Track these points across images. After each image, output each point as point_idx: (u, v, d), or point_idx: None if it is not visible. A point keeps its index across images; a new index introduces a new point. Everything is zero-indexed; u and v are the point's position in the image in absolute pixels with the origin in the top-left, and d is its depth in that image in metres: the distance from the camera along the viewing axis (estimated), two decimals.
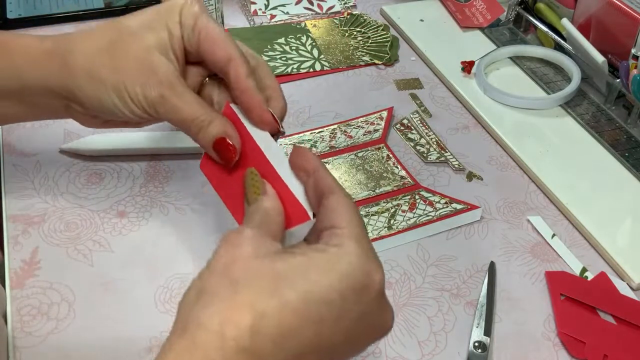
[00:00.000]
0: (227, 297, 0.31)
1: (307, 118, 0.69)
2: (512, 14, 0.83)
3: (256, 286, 0.31)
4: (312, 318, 0.31)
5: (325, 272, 0.32)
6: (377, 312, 0.34)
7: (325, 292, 0.31)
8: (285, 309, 0.31)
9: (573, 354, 0.48)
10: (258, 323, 0.30)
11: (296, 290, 0.31)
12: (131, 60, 0.43)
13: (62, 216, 0.56)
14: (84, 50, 0.44)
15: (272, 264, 0.32)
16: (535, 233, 0.57)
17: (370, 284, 0.33)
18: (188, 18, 0.44)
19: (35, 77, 0.44)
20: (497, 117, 0.69)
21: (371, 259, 0.34)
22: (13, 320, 0.48)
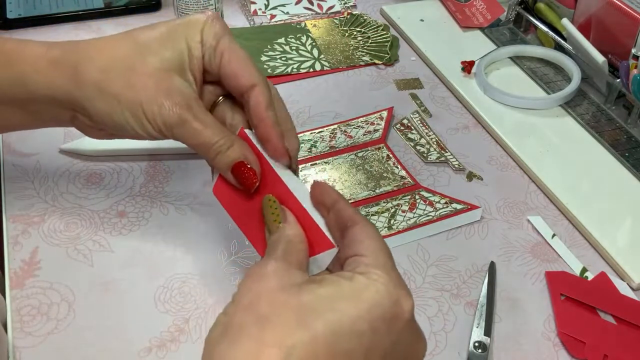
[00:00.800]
0: (254, 335, 0.30)
1: (307, 118, 0.69)
2: (512, 14, 0.83)
3: (283, 320, 0.30)
4: (342, 350, 0.30)
5: (354, 302, 0.31)
6: (408, 341, 0.33)
7: (354, 323, 0.30)
8: (315, 341, 0.30)
9: (573, 354, 0.48)
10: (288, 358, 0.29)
11: (324, 321, 0.30)
12: (148, 79, 0.41)
13: (62, 216, 0.56)
14: (96, 63, 0.42)
15: (299, 296, 0.31)
16: (535, 233, 0.57)
17: (400, 313, 0.32)
18: (210, 38, 0.42)
19: (41, 86, 0.43)
20: (497, 117, 0.69)
21: (399, 286, 0.33)
22: (13, 320, 0.48)
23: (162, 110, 0.40)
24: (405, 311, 0.32)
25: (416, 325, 0.34)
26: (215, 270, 0.52)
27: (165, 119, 0.41)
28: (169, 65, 0.41)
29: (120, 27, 0.81)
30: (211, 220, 0.56)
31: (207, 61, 0.43)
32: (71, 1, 0.83)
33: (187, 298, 0.50)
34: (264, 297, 0.31)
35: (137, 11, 0.83)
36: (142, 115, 0.41)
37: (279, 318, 0.30)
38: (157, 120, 0.41)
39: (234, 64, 0.43)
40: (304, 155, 0.63)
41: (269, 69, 0.75)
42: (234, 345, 0.30)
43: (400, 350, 0.32)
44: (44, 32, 0.79)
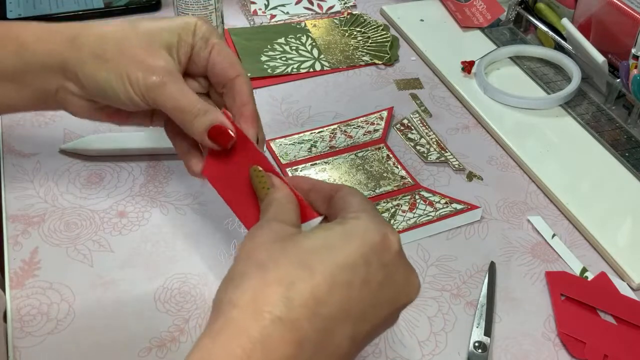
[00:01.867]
0: (256, 276, 0.32)
1: (307, 118, 0.69)
2: (512, 14, 0.83)
3: (282, 263, 0.32)
4: (340, 283, 0.32)
5: (346, 240, 0.33)
6: (401, 272, 0.35)
7: (348, 257, 0.33)
8: (314, 277, 0.31)
9: (573, 354, 0.48)
10: (289, 293, 0.31)
11: (322, 259, 0.32)
12: (137, 49, 0.44)
13: (62, 216, 0.56)
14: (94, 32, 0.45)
15: (295, 243, 0.33)
16: (535, 233, 0.57)
17: (389, 245, 0.34)
18: (203, 31, 0.46)
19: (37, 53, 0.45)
20: (497, 117, 0.69)
21: (385, 224, 0.35)
22: (13, 320, 0.48)
23: (145, 75, 0.43)
24: (393, 243, 0.35)
25: (406, 258, 0.36)
26: (215, 270, 0.52)
27: (147, 82, 0.43)
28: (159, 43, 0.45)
29: None
30: (211, 220, 0.56)
31: (196, 50, 0.46)
32: (71, 1, 0.83)
33: (187, 298, 0.50)
34: (262, 248, 0.34)
35: (137, 11, 0.83)
36: (126, 79, 0.43)
37: (278, 262, 0.32)
38: (140, 84, 0.43)
39: (223, 56, 0.46)
40: (304, 155, 0.63)
41: (269, 69, 0.75)
42: (238, 289, 0.32)
43: (394, 281, 0.34)
44: None
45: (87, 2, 0.83)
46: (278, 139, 0.65)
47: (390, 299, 0.34)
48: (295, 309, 0.31)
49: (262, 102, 0.71)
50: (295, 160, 0.63)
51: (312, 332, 0.31)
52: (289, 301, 0.31)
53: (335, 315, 0.32)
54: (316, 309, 0.31)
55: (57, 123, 0.65)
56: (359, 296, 0.33)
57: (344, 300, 0.32)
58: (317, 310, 0.31)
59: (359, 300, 0.33)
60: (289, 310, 0.30)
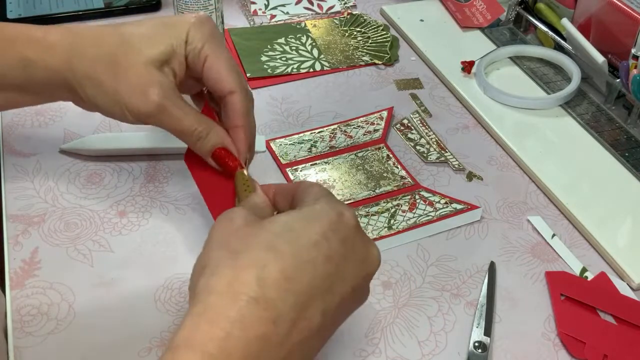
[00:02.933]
0: (230, 264, 0.34)
1: (307, 118, 0.69)
2: (512, 14, 0.83)
3: (253, 249, 0.35)
4: (305, 260, 0.35)
5: (305, 221, 0.36)
6: (360, 245, 0.38)
7: (310, 237, 0.35)
8: (282, 257, 0.34)
9: (573, 354, 0.48)
10: (261, 274, 0.33)
11: (287, 241, 0.35)
12: (130, 73, 0.44)
13: (62, 216, 0.56)
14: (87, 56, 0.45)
15: (262, 228, 0.36)
16: (535, 233, 0.57)
17: (345, 221, 0.37)
18: (196, 40, 0.45)
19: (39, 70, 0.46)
20: (497, 117, 0.69)
21: (340, 203, 0.39)
22: (13, 320, 0.48)
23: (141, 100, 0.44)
24: (349, 218, 0.37)
25: (364, 233, 0.39)
26: None
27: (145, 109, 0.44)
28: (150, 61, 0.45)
29: None
30: (211, 220, 0.56)
31: (190, 61, 0.46)
32: (71, 1, 0.83)
33: (187, 298, 0.50)
34: (233, 235, 0.36)
35: (137, 11, 0.83)
36: (124, 105, 0.45)
37: (248, 247, 0.35)
38: (139, 109, 0.44)
39: (215, 69, 0.46)
40: (304, 155, 0.63)
41: (269, 69, 0.75)
42: (214, 276, 0.34)
43: (355, 254, 0.37)
44: None
45: (87, 2, 0.83)
46: (278, 139, 0.65)
47: (354, 270, 0.37)
48: (268, 289, 0.33)
49: (262, 102, 0.71)
50: (295, 160, 0.63)
51: (285, 309, 0.33)
52: (262, 282, 0.33)
53: (304, 291, 0.34)
54: (287, 287, 0.33)
55: (57, 123, 0.65)
56: (324, 271, 0.35)
57: (310, 277, 0.34)
58: (288, 288, 0.34)
59: (325, 274, 0.35)
60: (262, 291, 0.33)
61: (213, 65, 0.46)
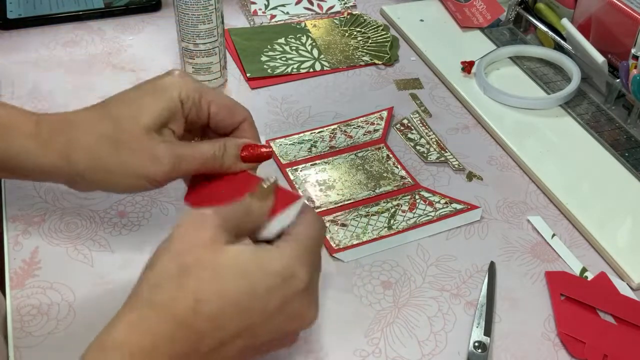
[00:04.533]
0: (175, 280, 0.36)
1: (307, 118, 0.69)
2: (512, 14, 0.83)
3: (201, 276, 0.36)
4: (242, 308, 0.36)
5: (259, 270, 0.37)
6: (298, 307, 0.39)
7: (255, 288, 0.37)
8: (222, 298, 0.36)
9: (573, 354, 0.48)
10: (199, 306, 0.35)
11: (234, 285, 0.36)
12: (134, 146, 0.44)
13: (62, 216, 0.56)
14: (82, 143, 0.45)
15: (219, 256, 0.37)
16: (535, 233, 0.57)
17: (294, 283, 0.38)
18: (191, 92, 0.46)
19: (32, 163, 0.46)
20: (497, 117, 0.69)
21: (302, 262, 0.39)
22: (13, 320, 0.48)
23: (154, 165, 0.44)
24: (300, 282, 0.38)
25: (311, 294, 0.40)
26: None
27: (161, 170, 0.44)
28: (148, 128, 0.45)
29: (120, 27, 0.81)
30: None
31: (193, 114, 0.47)
32: (71, 1, 0.83)
33: None
34: (192, 249, 0.37)
35: (137, 11, 0.83)
36: (140, 176, 0.45)
37: (198, 273, 0.36)
38: (155, 173, 0.45)
39: (224, 108, 0.47)
40: (304, 155, 0.63)
41: (269, 69, 0.75)
42: (157, 287, 0.36)
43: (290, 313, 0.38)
44: (44, 32, 0.79)
45: (87, 2, 0.83)
46: (278, 139, 0.65)
47: (283, 325, 0.39)
48: (200, 321, 0.35)
49: (262, 102, 0.71)
50: (295, 160, 0.63)
51: (209, 340, 0.36)
52: (197, 313, 0.35)
53: (230, 330, 0.36)
54: (217, 324, 0.36)
55: None
56: (254, 321, 0.37)
57: (240, 322, 0.37)
58: (218, 325, 0.36)
59: (253, 323, 0.37)
60: (195, 320, 0.35)
61: (220, 107, 0.47)
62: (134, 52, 0.77)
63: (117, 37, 0.79)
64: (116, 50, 0.77)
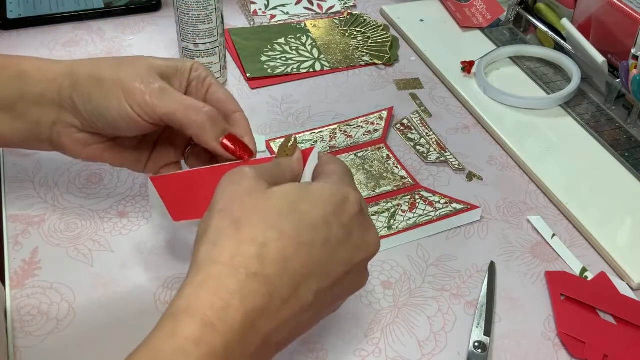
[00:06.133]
0: (232, 235, 0.36)
1: (307, 118, 0.69)
2: (512, 14, 0.83)
3: (255, 221, 0.36)
4: (304, 242, 0.36)
5: (310, 203, 0.37)
6: (359, 230, 0.39)
7: (312, 219, 0.37)
8: (282, 237, 0.36)
9: (573, 354, 0.48)
10: (262, 251, 0.35)
11: (289, 221, 0.36)
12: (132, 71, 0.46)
13: (62, 216, 0.56)
14: (91, 61, 0.48)
15: (266, 200, 0.37)
16: (535, 233, 0.57)
17: (347, 205, 0.38)
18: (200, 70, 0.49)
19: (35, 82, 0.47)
20: (497, 117, 0.69)
21: (347, 185, 0.40)
22: (13, 320, 0.48)
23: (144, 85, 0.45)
24: (353, 204, 0.39)
25: (366, 218, 0.40)
26: None
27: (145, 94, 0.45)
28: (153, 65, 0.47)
29: (120, 27, 0.81)
30: None
31: (193, 86, 0.49)
32: (71, 1, 0.83)
33: None
34: (237, 201, 0.37)
35: (137, 11, 0.83)
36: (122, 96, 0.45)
37: (251, 220, 0.36)
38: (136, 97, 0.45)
39: (220, 94, 0.50)
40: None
41: (269, 69, 0.75)
42: (216, 246, 0.36)
43: (353, 239, 0.38)
44: (44, 32, 0.79)
45: (87, 2, 0.83)
46: (278, 139, 0.65)
47: (349, 254, 0.38)
48: (267, 266, 0.35)
49: (262, 102, 0.71)
50: None
51: (281, 285, 0.35)
52: (262, 259, 0.35)
53: (299, 271, 0.36)
54: (284, 266, 0.35)
55: None
56: (320, 254, 0.37)
57: (307, 258, 0.36)
58: (285, 267, 0.35)
59: (320, 257, 0.37)
60: (262, 267, 0.35)
61: (217, 91, 0.49)
62: (134, 52, 0.76)
63: (117, 37, 0.79)
64: (116, 50, 0.77)
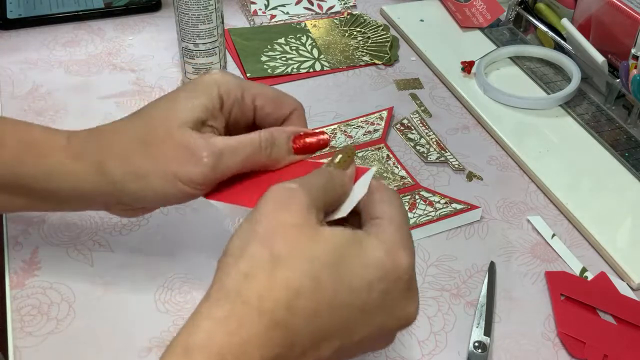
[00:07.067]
0: (267, 272, 0.32)
1: (307, 118, 0.68)
2: (512, 14, 0.83)
3: (296, 264, 0.32)
4: (339, 303, 0.33)
5: (359, 262, 0.34)
6: (401, 301, 0.35)
7: (354, 281, 0.33)
8: (318, 291, 0.32)
9: (573, 354, 0.48)
10: (293, 301, 0.32)
11: (330, 275, 0.33)
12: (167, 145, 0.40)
13: (62, 216, 0.56)
14: (115, 150, 0.41)
15: (312, 242, 0.33)
16: (535, 233, 0.57)
17: (397, 273, 0.34)
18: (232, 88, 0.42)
19: (68, 182, 0.42)
20: (497, 117, 0.69)
21: (402, 245, 0.35)
22: (13, 320, 0.48)
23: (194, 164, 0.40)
24: (403, 272, 0.35)
25: (412, 287, 0.36)
26: None
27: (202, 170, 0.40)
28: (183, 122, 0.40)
29: (120, 27, 0.81)
30: (211, 220, 0.56)
31: (236, 112, 0.43)
32: (71, 1, 0.83)
33: (187, 298, 0.50)
34: (281, 233, 0.33)
35: (137, 11, 0.83)
36: (177, 181, 0.40)
37: (290, 260, 0.32)
38: (193, 177, 0.40)
39: (271, 100, 0.44)
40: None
41: (269, 69, 0.75)
42: (247, 279, 0.32)
43: (394, 308, 0.35)
44: (44, 32, 0.79)
45: (87, 2, 0.83)
46: None
47: (382, 322, 0.35)
48: (295, 317, 0.32)
49: None
50: None
51: (303, 338, 0.32)
52: (291, 309, 0.32)
53: (327, 329, 0.33)
54: (312, 321, 0.32)
55: (57, 123, 0.65)
56: (353, 317, 0.34)
57: (338, 320, 0.33)
58: (313, 322, 0.33)
59: (352, 320, 0.34)
60: (289, 317, 0.32)
61: (266, 99, 0.44)
62: (134, 52, 0.77)
63: (117, 37, 0.79)
64: (116, 50, 0.77)
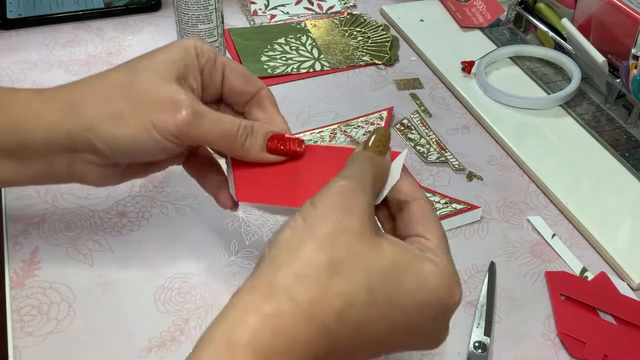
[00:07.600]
0: (323, 278, 0.32)
1: (307, 118, 0.69)
2: (512, 14, 0.83)
3: (352, 275, 0.32)
4: (387, 320, 0.33)
5: (416, 284, 0.34)
6: (441, 329, 0.36)
7: (407, 300, 0.33)
8: (370, 305, 0.32)
9: (573, 354, 0.48)
10: (344, 311, 0.32)
11: (385, 290, 0.33)
12: (150, 93, 0.40)
13: (62, 216, 0.56)
14: (93, 92, 0.40)
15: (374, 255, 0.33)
16: (535, 233, 0.57)
17: (448, 304, 0.35)
18: (206, 52, 0.43)
19: (35, 129, 0.41)
20: (497, 117, 0.69)
21: (456, 281, 0.35)
22: (13, 320, 0.48)
23: (171, 114, 0.39)
24: (453, 305, 0.35)
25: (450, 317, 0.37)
26: (215, 270, 0.52)
27: (176, 121, 0.39)
28: (167, 75, 0.41)
29: (120, 27, 0.81)
30: (211, 220, 0.56)
31: (206, 73, 0.43)
32: (71, 1, 0.83)
33: (187, 298, 0.50)
34: (343, 239, 0.32)
35: (137, 11, 0.83)
36: (151, 127, 0.39)
37: (348, 270, 0.32)
38: (167, 126, 0.39)
39: (238, 72, 0.44)
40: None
41: (269, 69, 0.75)
42: (300, 280, 0.31)
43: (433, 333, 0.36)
44: (44, 32, 0.79)
45: (87, 2, 0.83)
46: None
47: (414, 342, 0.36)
48: (342, 326, 0.32)
49: None
50: None
51: (344, 346, 0.32)
52: (340, 318, 0.32)
53: (367, 341, 0.33)
54: (357, 333, 0.33)
55: None
56: (395, 334, 0.34)
57: (381, 335, 0.33)
58: (358, 334, 0.33)
59: (393, 337, 0.34)
60: (336, 326, 0.32)
61: (235, 71, 0.44)
62: (134, 52, 0.76)
63: (117, 37, 0.79)
64: (116, 50, 0.77)
